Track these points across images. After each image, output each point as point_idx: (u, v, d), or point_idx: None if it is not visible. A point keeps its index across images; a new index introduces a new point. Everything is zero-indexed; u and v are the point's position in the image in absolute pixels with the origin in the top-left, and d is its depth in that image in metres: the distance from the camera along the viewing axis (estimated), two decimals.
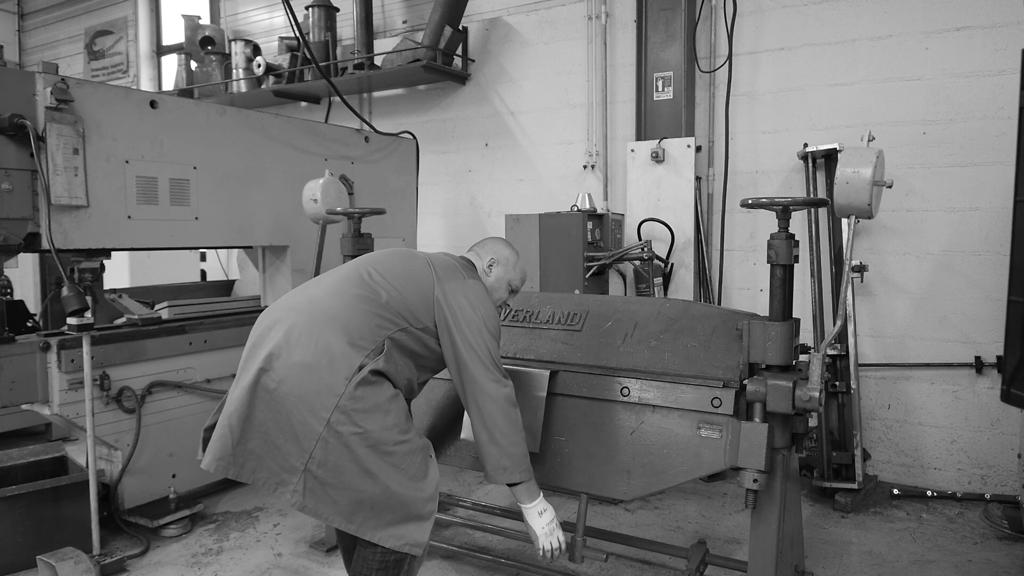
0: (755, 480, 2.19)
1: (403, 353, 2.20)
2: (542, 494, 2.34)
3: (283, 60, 5.98)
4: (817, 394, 2.16)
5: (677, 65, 4.57)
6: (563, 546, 2.33)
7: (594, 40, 5.00)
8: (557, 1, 5.17)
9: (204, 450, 2.20)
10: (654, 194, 4.63)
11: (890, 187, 2.29)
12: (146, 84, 7.71)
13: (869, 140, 2.31)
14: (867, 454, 4.15)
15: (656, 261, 4.41)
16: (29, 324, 4.30)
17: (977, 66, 3.88)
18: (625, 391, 2.53)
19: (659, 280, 4.42)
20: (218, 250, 6.23)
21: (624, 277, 4.76)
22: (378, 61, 5.56)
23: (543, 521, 2.31)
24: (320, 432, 2.01)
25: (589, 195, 4.52)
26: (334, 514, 2.05)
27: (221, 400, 2.23)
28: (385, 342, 2.14)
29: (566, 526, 2.52)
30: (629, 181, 4.73)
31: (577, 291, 4.20)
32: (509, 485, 2.28)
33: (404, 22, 5.91)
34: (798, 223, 3.85)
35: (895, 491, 3.95)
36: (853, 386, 3.91)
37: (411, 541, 2.09)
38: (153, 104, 3.36)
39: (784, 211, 2.33)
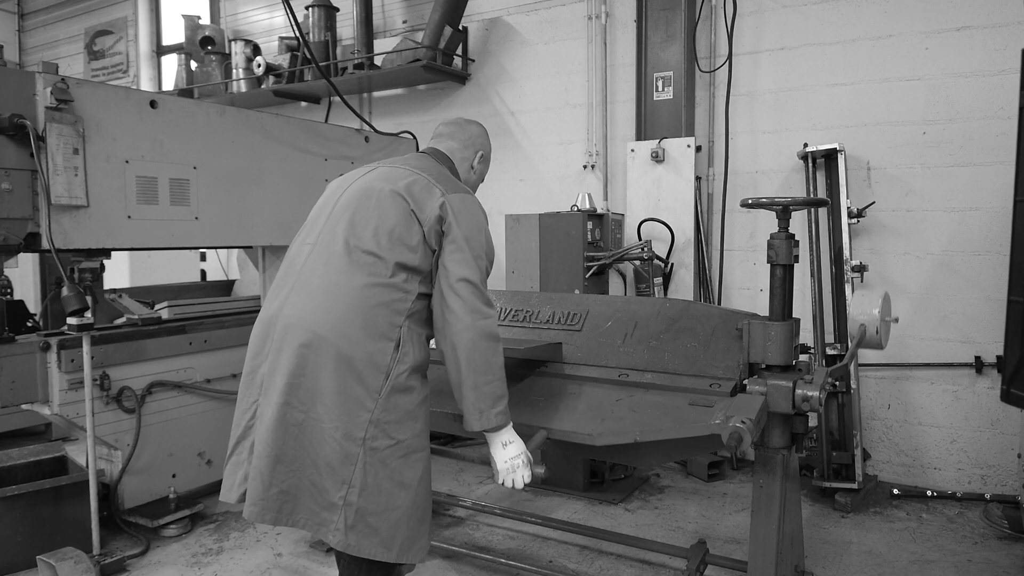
0: (742, 422, 1.95)
1: (420, 323, 2.07)
2: (511, 424, 2.09)
3: (283, 60, 5.97)
4: (817, 394, 2.16)
5: (677, 65, 4.57)
6: (525, 486, 2.09)
7: (594, 40, 5.00)
8: (557, 1, 5.17)
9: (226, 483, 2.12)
10: (654, 194, 4.63)
11: (896, 322, 2.59)
12: (146, 84, 7.71)
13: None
14: (867, 454, 4.15)
15: (656, 261, 4.41)
16: (29, 324, 4.30)
17: (977, 66, 3.88)
18: (624, 375, 2.53)
19: (659, 280, 4.42)
20: (218, 250, 6.23)
21: (624, 277, 4.76)
22: (378, 61, 5.56)
23: (507, 454, 2.06)
24: (358, 454, 1.92)
25: (589, 195, 4.51)
26: (376, 545, 1.96)
27: (236, 429, 2.12)
28: (403, 329, 2.00)
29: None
30: (629, 181, 4.73)
31: (577, 291, 4.20)
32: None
33: (404, 22, 5.91)
34: (798, 223, 3.86)
35: (895, 491, 3.95)
36: (853, 386, 3.90)
37: (425, 550, 2.08)
38: (153, 104, 3.35)
39: (784, 211, 2.33)
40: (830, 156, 4.12)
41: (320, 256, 2.09)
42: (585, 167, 5.10)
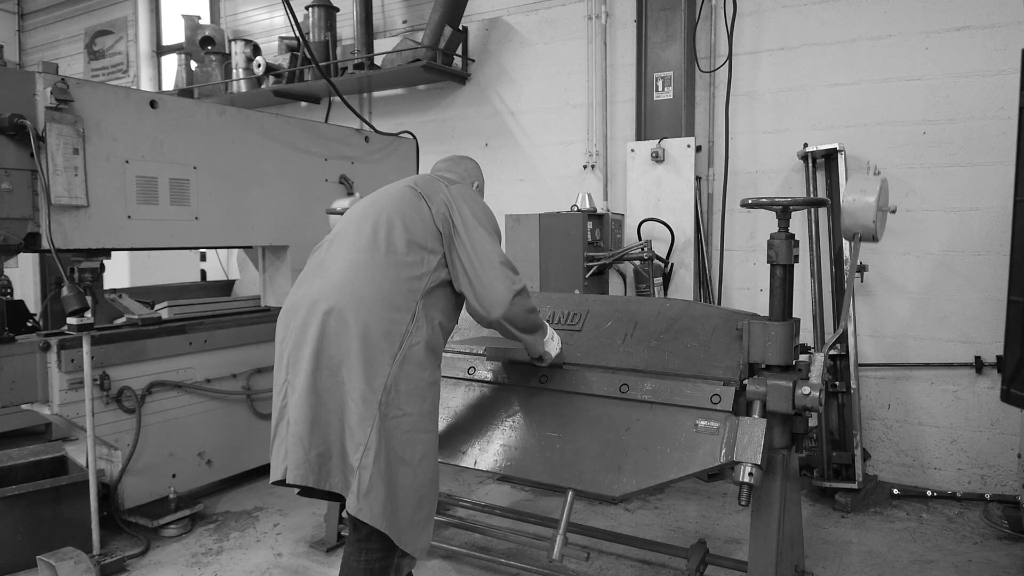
0: (750, 474, 2.12)
1: (434, 308, 2.20)
2: (549, 327, 2.52)
3: (283, 60, 5.98)
4: (817, 394, 2.16)
5: (677, 65, 4.57)
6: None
7: (594, 40, 5.00)
8: (557, 1, 5.17)
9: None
10: (654, 194, 4.63)
11: (894, 212, 2.40)
12: (146, 84, 7.71)
13: (875, 172, 2.38)
14: (867, 454, 4.15)
15: (656, 261, 4.41)
16: (29, 324, 4.30)
17: (977, 66, 3.88)
18: (624, 388, 2.52)
19: (659, 280, 4.42)
20: (218, 250, 6.23)
21: (624, 277, 4.76)
22: (378, 61, 5.56)
23: (555, 344, 2.54)
24: (374, 417, 2.03)
25: (589, 195, 4.52)
26: (380, 516, 2.05)
27: (274, 413, 2.22)
28: (418, 305, 2.14)
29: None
30: (629, 181, 4.73)
31: (577, 291, 4.20)
32: None
33: (404, 22, 5.91)
34: (798, 223, 3.86)
35: (895, 491, 3.95)
36: (853, 386, 3.90)
37: (423, 545, 2.15)
38: (153, 104, 3.36)
39: (784, 211, 2.33)
40: (830, 156, 4.12)
41: (340, 245, 2.26)
42: (585, 167, 5.10)
